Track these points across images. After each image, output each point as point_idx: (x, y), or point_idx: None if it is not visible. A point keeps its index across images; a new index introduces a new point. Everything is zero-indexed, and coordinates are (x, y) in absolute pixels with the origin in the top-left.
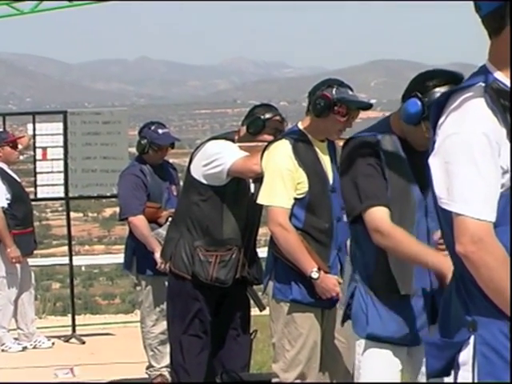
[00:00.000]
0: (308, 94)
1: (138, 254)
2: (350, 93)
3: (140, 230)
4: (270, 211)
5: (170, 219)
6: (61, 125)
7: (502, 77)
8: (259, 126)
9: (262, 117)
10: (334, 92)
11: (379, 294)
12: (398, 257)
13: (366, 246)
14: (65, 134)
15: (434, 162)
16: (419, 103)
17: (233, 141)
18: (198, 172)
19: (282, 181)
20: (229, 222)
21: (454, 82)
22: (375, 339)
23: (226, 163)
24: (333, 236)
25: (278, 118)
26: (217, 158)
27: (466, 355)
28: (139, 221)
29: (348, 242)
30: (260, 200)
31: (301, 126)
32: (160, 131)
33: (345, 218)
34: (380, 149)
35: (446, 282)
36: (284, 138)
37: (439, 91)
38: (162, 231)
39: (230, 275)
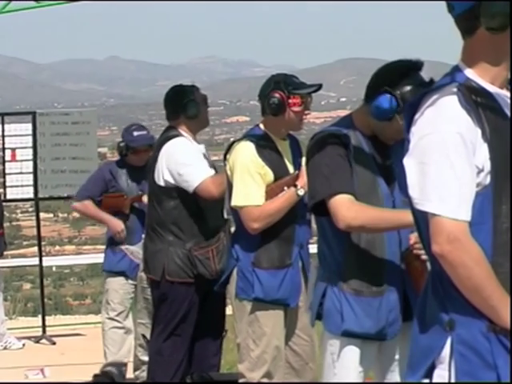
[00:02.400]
0: (258, 97)
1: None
2: (297, 81)
3: (86, 212)
4: (245, 210)
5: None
6: (30, 125)
7: (474, 76)
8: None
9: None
10: (283, 88)
11: (351, 291)
12: (374, 232)
13: (335, 243)
14: (34, 135)
15: (408, 162)
16: (392, 98)
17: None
18: (167, 176)
19: (252, 179)
20: (210, 208)
21: (416, 68)
22: (350, 336)
23: (194, 181)
24: (295, 233)
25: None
26: (186, 173)
27: (442, 354)
28: (82, 204)
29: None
30: (235, 202)
31: (262, 126)
32: (135, 133)
33: (308, 216)
34: (348, 142)
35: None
36: (247, 140)
37: (407, 82)
38: (134, 248)
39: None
